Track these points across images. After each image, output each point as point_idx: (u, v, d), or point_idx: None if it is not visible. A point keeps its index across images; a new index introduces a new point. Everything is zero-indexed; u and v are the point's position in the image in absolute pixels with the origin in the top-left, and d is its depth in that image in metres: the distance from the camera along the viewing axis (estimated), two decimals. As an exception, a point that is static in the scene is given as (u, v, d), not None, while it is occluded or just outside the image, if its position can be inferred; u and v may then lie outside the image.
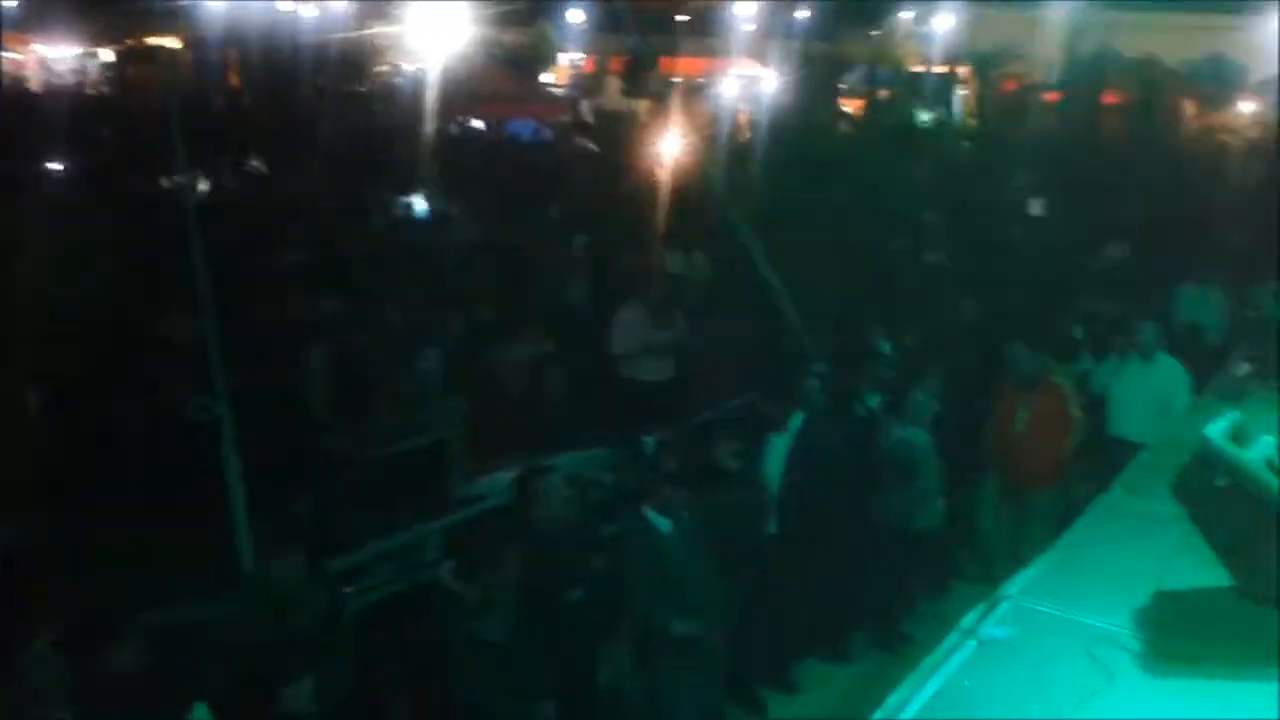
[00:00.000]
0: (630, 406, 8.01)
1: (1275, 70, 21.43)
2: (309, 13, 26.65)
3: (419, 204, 12.66)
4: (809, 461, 6.65)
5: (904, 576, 7.24)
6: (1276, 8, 19.35)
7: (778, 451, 6.69)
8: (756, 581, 6.24)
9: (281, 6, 26.75)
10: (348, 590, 5.46)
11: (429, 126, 15.53)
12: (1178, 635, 4.33)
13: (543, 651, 5.14)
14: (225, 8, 24.36)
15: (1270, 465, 4.52)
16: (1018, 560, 5.60)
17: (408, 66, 22.51)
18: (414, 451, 6.63)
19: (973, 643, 4.25)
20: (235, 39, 24.46)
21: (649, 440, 6.20)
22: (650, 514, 5.60)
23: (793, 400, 6.87)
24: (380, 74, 25.49)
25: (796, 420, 6.74)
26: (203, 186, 11.95)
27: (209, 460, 5.95)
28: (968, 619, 4.47)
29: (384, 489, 6.33)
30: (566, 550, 5.48)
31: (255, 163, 15.07)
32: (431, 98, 15.97)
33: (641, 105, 21.18)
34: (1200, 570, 4.67)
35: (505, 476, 6.18)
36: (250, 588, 5.43)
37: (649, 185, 11.67)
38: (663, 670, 5.63)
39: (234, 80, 25.39)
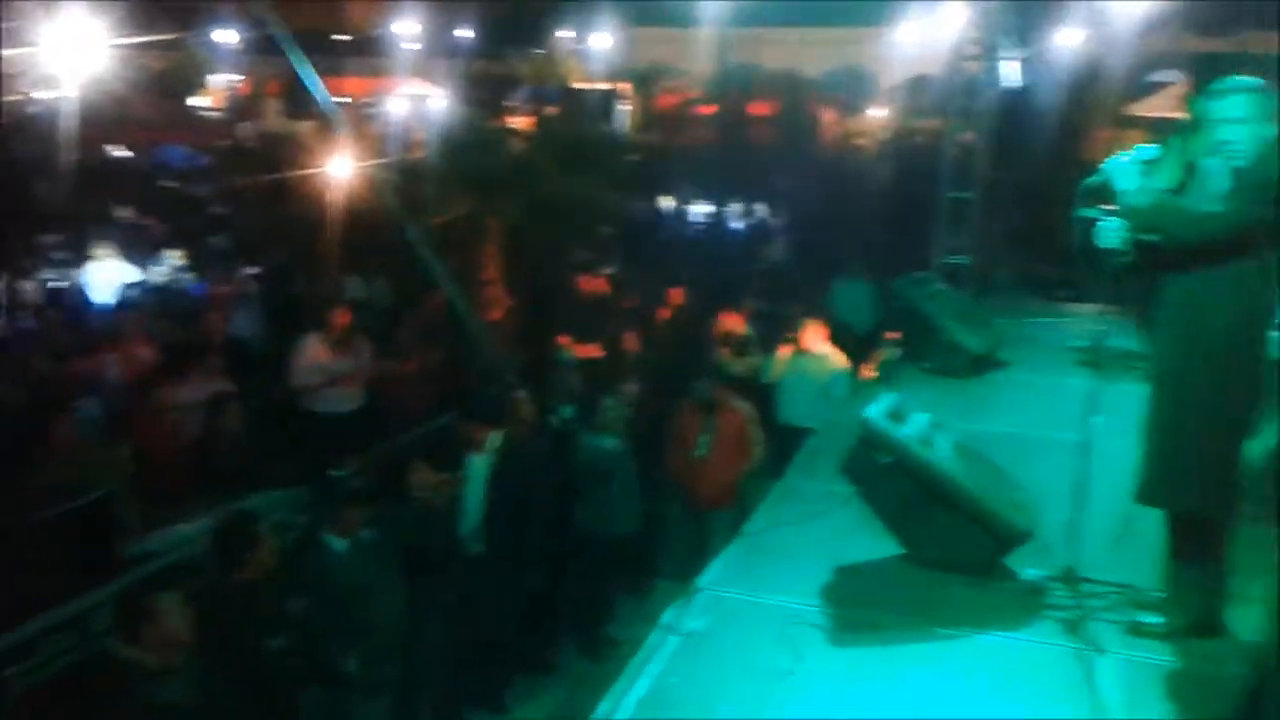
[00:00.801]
0: (318, 441, 7.68)
1: (901, 78, 23.63)
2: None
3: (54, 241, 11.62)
4: (509, 478, 6.62)
5: (605, 582, 7.36)
6: (900, 21, 21.23)
7: (478, 471, 6.61)
8: (458, 604, 6.13)
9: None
10: (9, 672, 4.92)
11: (69, 156, 14.34)
12: (857, 606, 4.68)
13: (241, 706, 4.82)
14: None
15: (925, 439, 4.97)
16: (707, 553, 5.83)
17: (43, 94, 20.65)
18: (74, 511, 6.04)
19: (674, 638, 4.38)
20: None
21: (339, 474, 5.94)
22: (326, 537, 5.40)
23: (489, 419, 6.82)
24: (11, 103, 23.23)
25: (495, 439, 6.70)
26: None
27: None
28: (667, 615, 4.62)
29: (45, 556, 5.74)
30: (265, 598, 5.17)
31: None
32: (70, 126, 14.75)
33: (304, 127, 20.47)
34: (873, 543, 5.07)
35: (185, 530, 5.78)
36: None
37: (319, 209, 11.28)
38: (353, 709, 5.43)
39: None
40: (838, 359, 8.25)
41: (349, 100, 23.35)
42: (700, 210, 16.42)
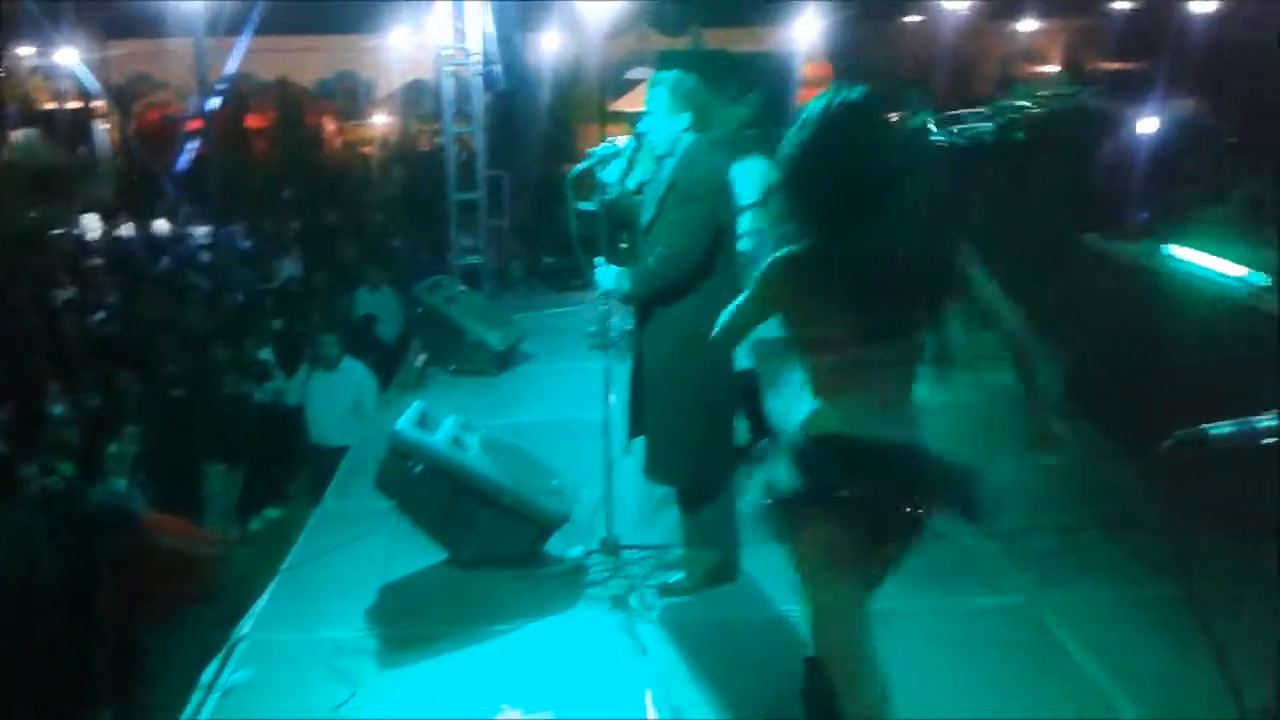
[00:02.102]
0: None
1: (399, 84, 23.61)
2: None
3: None
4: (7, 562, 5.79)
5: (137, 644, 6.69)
6: (392, 27, 21.15)
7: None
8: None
9: None
10: None
11: None
12: (410, 621, 4.56)
13: None
14: None
15: (456, 442, 4.95)
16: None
17: None
18: None
19: (214, 697, 4.03)
20: None
21: None
22: None
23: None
24: None
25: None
26: None
27: None
28: (207, 673, 4.25)
29: None
30: None
31: None
32: None
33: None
34: (417, 554, 4.98)
35: None
36: None
37: None
38: None
39: None
40: (364, 371, 8.06)
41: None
42: (201, 230, 15.41)
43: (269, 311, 9.94)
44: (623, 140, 4.60)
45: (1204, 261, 5.62)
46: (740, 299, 2.99)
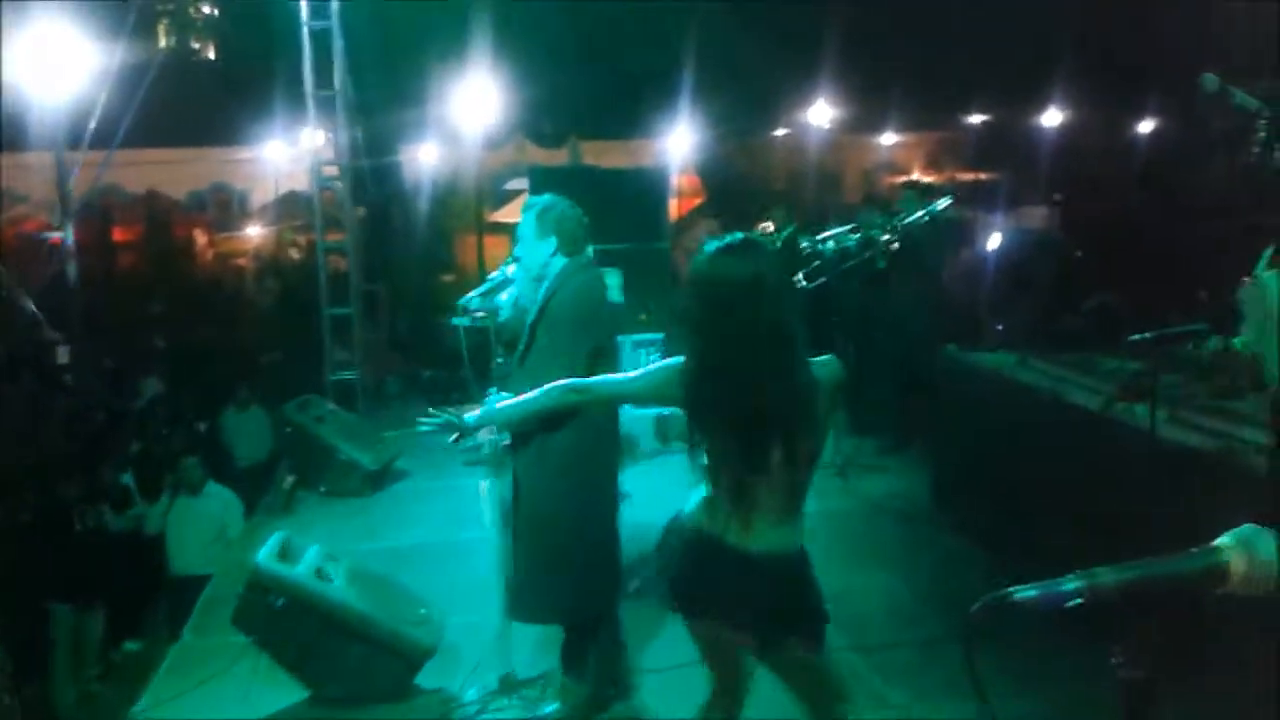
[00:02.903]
0: None
1: (272, 196, 23.40)
2: None
3: None
4: None
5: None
6: (266, 140, 21.08)
7: None
8: None
9: None
10: None
11: None
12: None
13: None
14: None
15: (319, 573, 4.77)
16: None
17: None
18: None
19: None
20: None
21: None
22: None
23: None
24: None
25: None
26: None
27: None
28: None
29: None
30: None
31: None
32: None
33: None
34: (278, 691, 4.75)
35: None
36: None
37: None
38: None
39: None
40: (230, 496, 7.79)
41: None
42: (63, 349, 14.83)
43: (130, 433, 9.55)
44: (511, 269, 4.60)
45: (1059, 371, 5.84)
46: (635, 375, 3.21)
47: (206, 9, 23.34)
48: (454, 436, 3.63)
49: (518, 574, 4.33)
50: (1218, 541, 1.36)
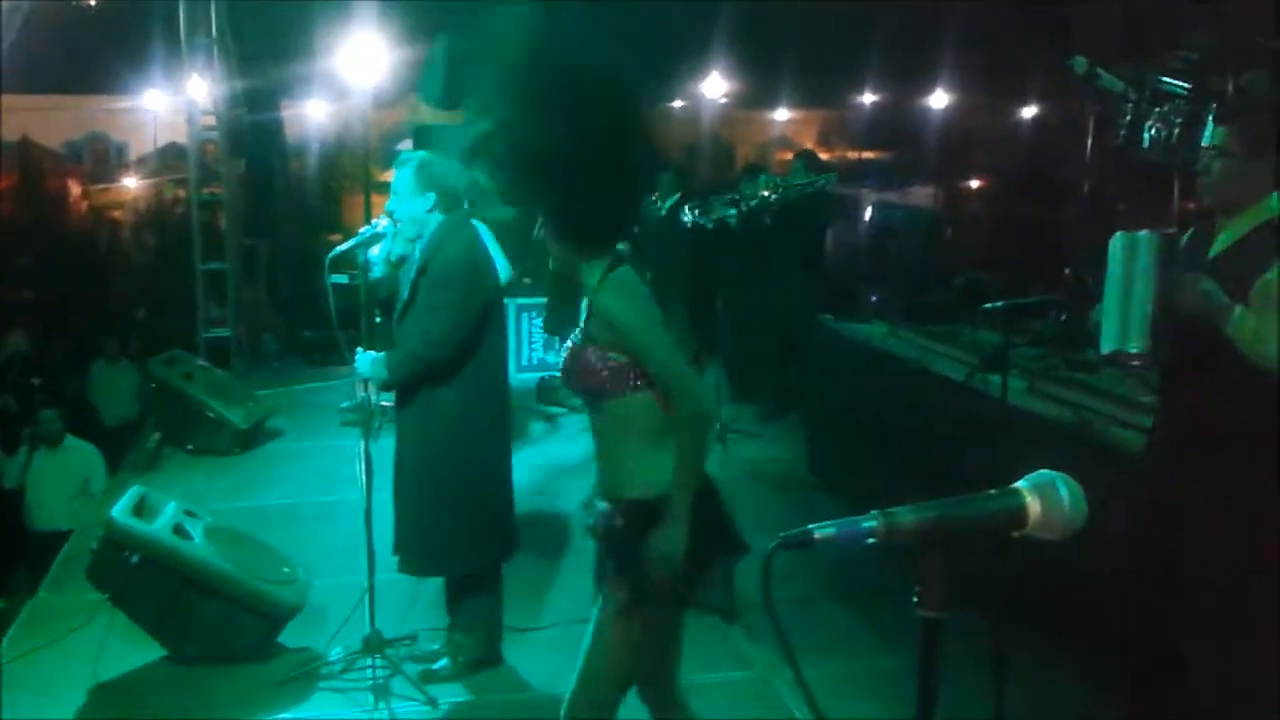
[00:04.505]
0: None
1: (152, 147, 22.56)
2: None
3: None
4: None
5: None
6: (146, 89, 20.25)
7: None
8: None
9: None
10: None
11: None
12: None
13: None
14: None
15: (177, 529, 4.65)
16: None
17: None
18: None
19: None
20: None
21: None
22: None
23: None
24: None
25: None
26: None
27: None
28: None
29: None
30: None
31: None
32: None
33: None
34: (134, 650, 4.63)
35: None
36: None
37: None
38: None
39: None
40: (91, 451, 7.55)
41: None
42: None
43: (-7, 386, 9.21)
44: (383, 223, 4.51)
45: (927, 343, 6.00)
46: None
47: (85, -49, 22.36)
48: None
49: (403, 527, 4.29)
50: (1016, 484, 1.41)
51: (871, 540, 1.34)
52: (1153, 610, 3.26)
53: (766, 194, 7.45)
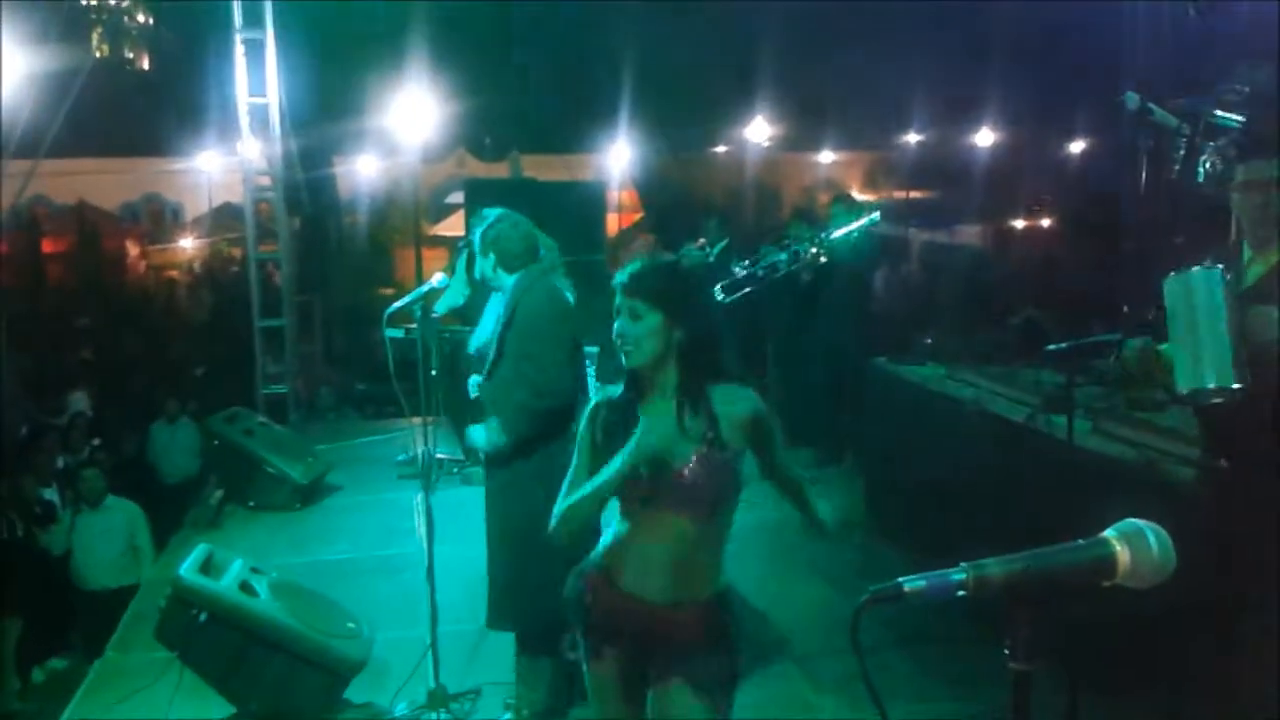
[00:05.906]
0: None
1: (207, 208, 23.00)
2: None
3: None
4: None
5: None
6: (199, 151, 20.70)
7: None
8: None
9: None
10: None
11: None
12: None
13: None
14: None
15: (243, 586, 4.69)
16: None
17: None
18: None
19: None
20: None
21: None
22: None
23: None
24: None
25: None
26: None
27: None
28: None
29: None
30: None
31: None
32: None
33: None
34: (202, 707, 4.64)
35: None
36: None
37: None
38: None
39: None
40: (134, 510, 7.68)
41: None
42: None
43: (52, 446, 9.33)
44: (438, 278, 4.59)
45: (986, 384, 5.93)
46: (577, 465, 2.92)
47: (140, 17, 23.02)
48: None
49: (494, 584, 4.35)
50: (1104, 534, 1.40)
51: (961, 594, 1.33)
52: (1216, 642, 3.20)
53: (814, 250, 7.46)
